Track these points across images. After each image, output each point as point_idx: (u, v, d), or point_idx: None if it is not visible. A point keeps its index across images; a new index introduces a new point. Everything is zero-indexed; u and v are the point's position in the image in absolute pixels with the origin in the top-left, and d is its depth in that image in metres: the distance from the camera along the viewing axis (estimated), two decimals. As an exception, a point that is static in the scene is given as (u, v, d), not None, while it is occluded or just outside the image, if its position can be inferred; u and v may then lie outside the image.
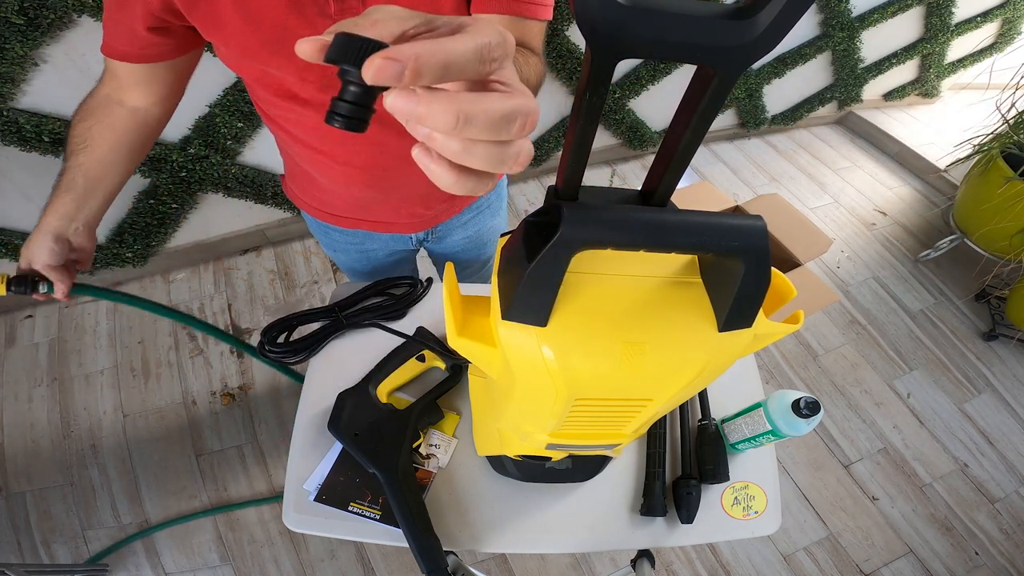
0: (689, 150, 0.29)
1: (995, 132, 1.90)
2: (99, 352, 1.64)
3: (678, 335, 0.34)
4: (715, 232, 0.28)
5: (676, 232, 0.28)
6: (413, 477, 0.63)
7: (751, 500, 0.68)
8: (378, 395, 0.68)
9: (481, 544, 0.63)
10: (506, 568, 1.34)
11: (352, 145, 0.64)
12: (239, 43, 0.52)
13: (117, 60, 0.57)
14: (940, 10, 2.36)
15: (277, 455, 1.48)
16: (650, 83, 2.05)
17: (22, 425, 1.48)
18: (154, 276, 1.82)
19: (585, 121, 0.27)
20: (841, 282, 2.08)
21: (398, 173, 0.69)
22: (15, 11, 1.07)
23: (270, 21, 0.49)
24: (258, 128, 1.53)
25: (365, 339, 0.76)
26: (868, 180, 2.58)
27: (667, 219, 0.28)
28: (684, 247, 0.28)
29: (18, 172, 1.36)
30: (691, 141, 0.28)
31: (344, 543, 1.33)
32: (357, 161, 0.66)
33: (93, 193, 0.63)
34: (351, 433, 0.63)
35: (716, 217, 0.29)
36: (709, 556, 1.41)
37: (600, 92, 0.25)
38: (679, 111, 0.28)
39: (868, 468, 1.60)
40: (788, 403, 0.61)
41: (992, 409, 1.76)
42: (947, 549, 1.48)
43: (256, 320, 1.74)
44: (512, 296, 0.31)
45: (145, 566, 1.30)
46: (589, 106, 0.26)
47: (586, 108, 0.26)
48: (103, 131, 0.63)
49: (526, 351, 0.34)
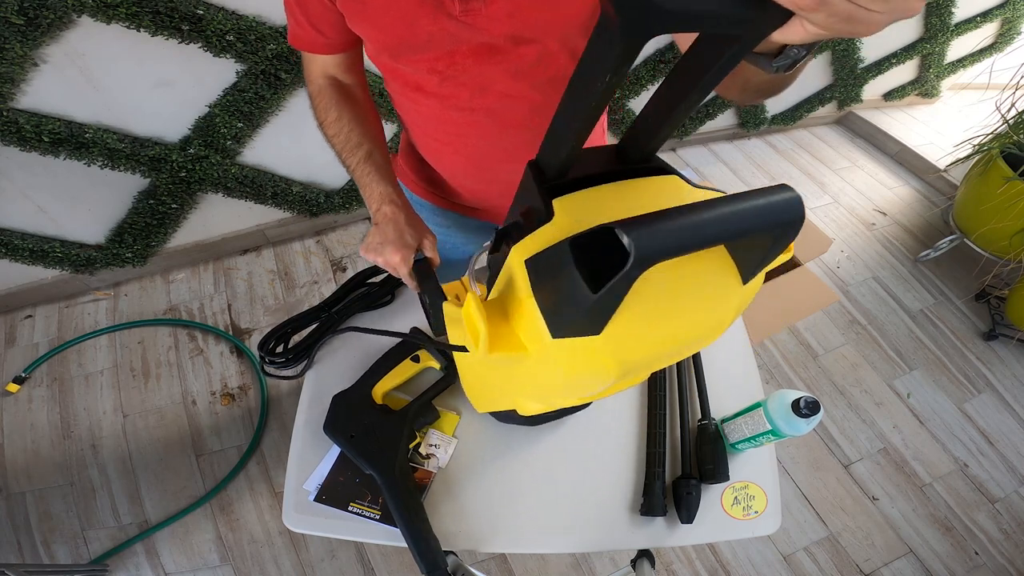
0: (685, 112, 0.29)
1: (995, 132, 1.90)
2: (99, 352, 1.64)
3: (714, 299, 0.35)
4: (771, 212, 0.28)
5: (743, 220, 0.28)
6: (411, 477, 0.63)
7: (751, 500, 0.68)
8: (374, 396, 0.68)
9: (481, 544, 0.63)
10: (506, 568, 1.34)
11: (463, 138, 0.69)
12: (377, 40, 0.58)
13: (325, 54, 0.66)
14: (940, 10, 2.36)
15: (277, 455, 1.47)
16: (650, 83, 2.05)
17: (22, 425, 1.48)
18: (154, 276, 1.82)
19: (597, 102, 0.26)
20: (841, 282, 2.08)
21: (501, 166, 0.71)
22: (15, 11, 1.07)
23: (401, 21, 0.54)
24: (258, 128, 1.53)
25: (362, 340, 0.76)
26: (868, 180, 2.58)
27: (725, 211, 0.27)
28: (751, 232, 0.28)
29: (18, 172, 1.36)
30: (691, 103, 0.28)
31: (344, 543, 1.33)
32: (464, 151, 0.71)
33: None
34: (347, 435, 0.63)
35: (760, 197, 0.28)
36: (709, 556, 1.41)
37: (623, 74, 0.25)
38: (679, 75, 0.28)
39: (868, 468, 1.60)
40: (788, 403, 0.61)
41: (992, 409, 1.76)
42: (947, 549, 1.48)
43: (256, 320, 1.74)
44: (567, 318, 0.31)
45: (145, 566, 1.30)
46: (606, 89, 0.25)
47: (601, 91, 0.25)
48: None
49: (578, 357, 0.34)
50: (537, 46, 0.56)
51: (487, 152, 0.69)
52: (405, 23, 0.53)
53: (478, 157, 0.71)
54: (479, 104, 0.62)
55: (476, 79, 0.59)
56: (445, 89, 0.61)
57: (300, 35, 0.64)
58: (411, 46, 0.56)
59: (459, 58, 0.56)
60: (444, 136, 0.70)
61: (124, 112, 1.36)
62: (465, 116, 0.63)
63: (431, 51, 0.56)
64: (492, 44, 0.55)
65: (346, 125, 0.67)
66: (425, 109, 0.65)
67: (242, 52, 1.33)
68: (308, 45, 0.65)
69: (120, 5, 1.13)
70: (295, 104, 1.51)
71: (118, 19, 1.16)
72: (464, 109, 0.62)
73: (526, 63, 0.57)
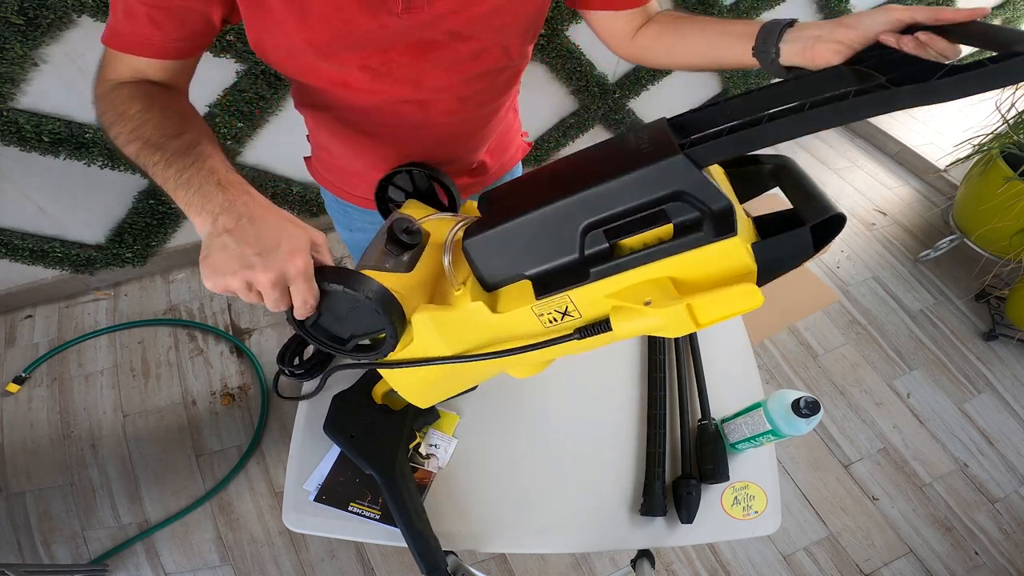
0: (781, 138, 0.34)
1: (995, 132, 1.90)
2: (99, 352, 1.64)
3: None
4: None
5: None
6: (411, 478, 0.63)
7: (751, 500, 0.68)
8: (374, 396, 0.68)
9: (481, 544, 0.63)
10: (506, 568, 1.34)
11: (388, 127, 0.66)
12: (302, 39, 0.52)
13: (159, 59, 0.53)
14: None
15: (277, 455, 1.48)
16: (650, 83, 2.05)
17: (22, 425, 1.48)
18: (154, 276, 1.82)
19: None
20: (841, 282, 2.08)
21: (426, 154, 0.70)
22: (15, 11, 1.07)
23: (335, 19, 0.50)
24: (258, 128, 1.53)
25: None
26: (868, 180, 2.58)
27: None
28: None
29: (18, 172, 1.36)
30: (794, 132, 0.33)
31: (344, 543, 1.33)
32: (390, 141, 0.68)
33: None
34: (347, 435, 0.63)
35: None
36: (709, 556, 1.41)
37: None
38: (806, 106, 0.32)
39: (868, 468, 1.60)
40: (788, 403, 0.61)
41: (992, 409, 1.76)
42: (947, 549, 1.48)
43: (256, 320, 1.74)
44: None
45: (145, 566, 1.30)
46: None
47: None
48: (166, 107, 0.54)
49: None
50: (474, 42, 0.57)
51: (413, 139, 0.68)
52: (340, 20, 0.51)
53: (404, 145, 0.69)
54: (410, 97, 0.61)
55: (410, 75, 0.58)
56: (376, 85, 0.58)
57: (134, 32, 0.50)
58: (344, 44, 0.53)
59: (394, 55, 0.55)
60: (369, 128, 0.67)
61: (124, 112, 1.36)
62: (393, 107, 0.62)
63: (365, 49, 0.54)
64: (430, 39, 0.55)
65: (158, 114, 0.50)
66: (349, 105, 0.63)
67: (242, 52, 1.33)
68: (138, 46, 0.51)
69: (120, 5, 1.14)
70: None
71: (118, 19, 1.16)
72: (393, 102, 0.61)
73: (460, 57, 0.58)
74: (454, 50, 0.57)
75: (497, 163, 0.84)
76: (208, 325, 1.71)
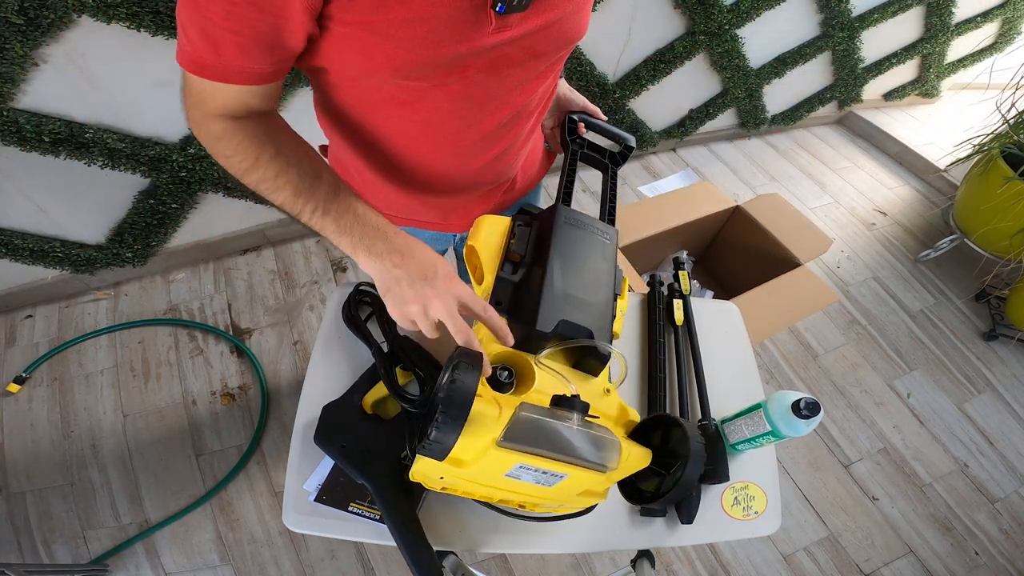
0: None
1: (995, 132, 1.90)
2: (99, 352, 1.64)
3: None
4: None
5: None
6: (406, 484, 0.62)
7: (751, 500, 0.68)
8: (363, 406, 0.67)
9: (481, 544, 0.63)
10: (506, 568, 1.34)
11: (445, 142, 0.63)
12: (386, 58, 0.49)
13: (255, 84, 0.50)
14: (940, 10, 2.36)
15: (277, 455, 1.48)
16: (650, 83, 2.05)
17: (22, 425, 1.48)
18: (154, 276, 1.82)
19: None
20: (841, 282, 2.08)
21: (472, 177, 0.70)
22: (15, 11, 1.07)
23: (428, 39, 0.47)
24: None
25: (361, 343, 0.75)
26: (868, 180, 2.58)
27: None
28: None
29: (18, 172, 1.36)
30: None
31: (344, 543, 1.33)
32: (438, 163, 0.67)
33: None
34: (337, 445, 0.63)
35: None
36: (709, 556, 1.41)
37: None
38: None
39: (868, 468, 1.60)
40: (788, 404, 0.60)
41: (992, 409, 1.76)
42: (947, 549, 1.48)
43: (256, 320, 1.74)
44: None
45: (145, 566, 1.30)
46: None
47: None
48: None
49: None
50: (544, 59, 0.57)
51: (457, 154, 0.66)
52: (432, 42, 0.48)
53: (450, 159, 0.67)
54: (470, 115, 0.60)
55: (484, 92, 0.57)
56: (442, 103, 0.57)
57: (224, 63, 0.47)
58: (429, 65, 0.50)
59: (471, 72, 0.53)
60: (414, 144, 0.64)
61: (124, 112, 1.36)
62: (452, 122, 0.60)
63: (445, 68, 0.51)
64: (510, 56, 0.54)
65: (291, 157, 0.53)
66: (413, 119, 0.60)
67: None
68: (235, 74, 0.48)
69: (120, 5, 1.13)
70: (295, 104, 1.51)
71: (118, 19, 1.16)
72: (454, 118, 0.60)
73: (531, 75, 0.58)
74: (528, 68, 0.57)
75: (525, 179, 0.84)
76: (208, 325, 1.71)
